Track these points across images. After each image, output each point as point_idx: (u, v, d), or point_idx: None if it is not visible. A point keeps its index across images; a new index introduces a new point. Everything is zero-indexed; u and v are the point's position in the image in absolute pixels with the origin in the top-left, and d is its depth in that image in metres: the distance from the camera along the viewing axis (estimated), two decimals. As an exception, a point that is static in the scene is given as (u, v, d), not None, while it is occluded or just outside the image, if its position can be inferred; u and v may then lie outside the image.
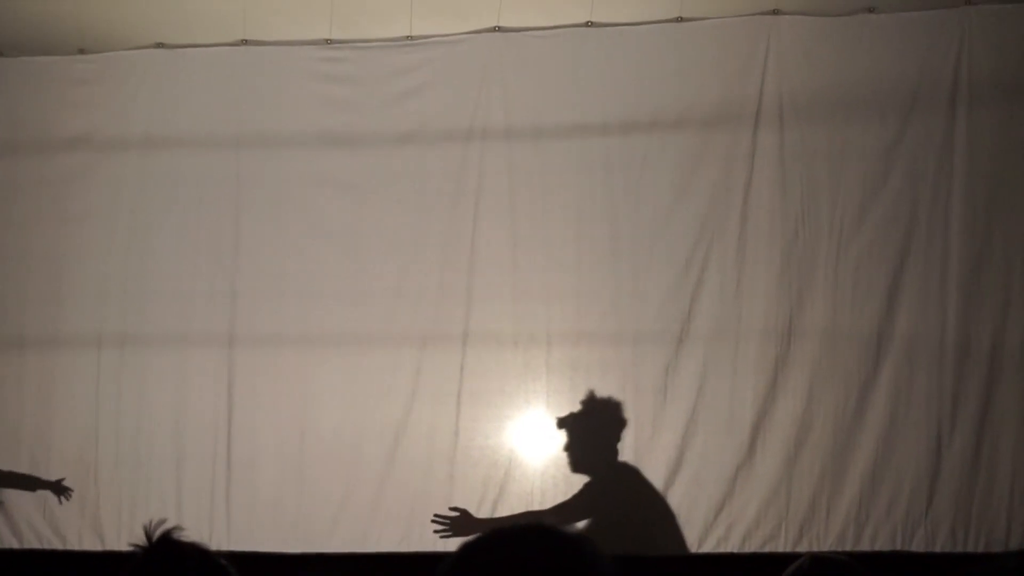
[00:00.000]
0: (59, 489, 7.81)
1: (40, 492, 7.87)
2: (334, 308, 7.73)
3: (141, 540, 3.81)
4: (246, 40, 7.92)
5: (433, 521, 7.11)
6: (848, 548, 7.03)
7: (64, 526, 7.86)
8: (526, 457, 7.49)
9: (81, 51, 8.11)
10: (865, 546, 7.09)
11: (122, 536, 7.70)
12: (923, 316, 7.17)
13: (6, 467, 7.95)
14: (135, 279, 7.92)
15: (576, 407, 7.35)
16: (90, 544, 7.81)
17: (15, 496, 7.92)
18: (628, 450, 7.32)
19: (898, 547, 7.09)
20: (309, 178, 7.83)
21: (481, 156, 7.65)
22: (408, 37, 7.81)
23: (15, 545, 7.86)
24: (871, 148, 7.28)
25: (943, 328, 7.14)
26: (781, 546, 7.15)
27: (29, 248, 8.09)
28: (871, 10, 7.33)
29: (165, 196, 7.96)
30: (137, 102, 8.04)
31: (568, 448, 7.33)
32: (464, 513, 7.24)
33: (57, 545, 7.84)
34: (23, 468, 7.92)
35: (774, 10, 7.42)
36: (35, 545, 7.86)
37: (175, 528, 3.87)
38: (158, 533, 3.84)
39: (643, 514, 7.25)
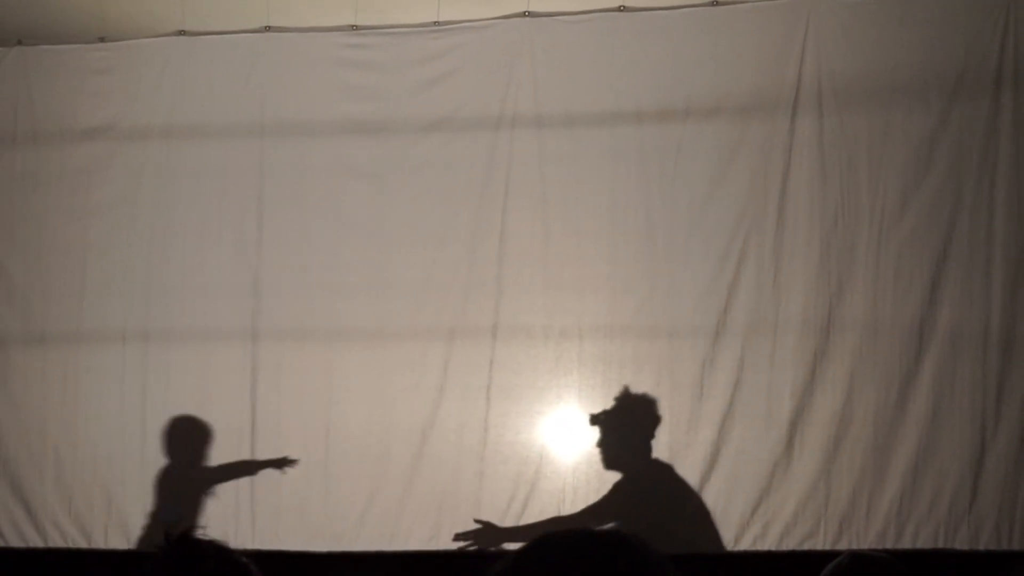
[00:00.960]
0: (281, 463, 7.61)
1: (65, 488, 7.74)
2: (360, 301, 7.57)
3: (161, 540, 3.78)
4: (269, 27, 7.76)
5: (456, 538, 6.99)
6: (889, 546, 6.86)
7: (90, 525, 7.73)
8: (557, 454, 7.33)
9: (101, 39, 7.97)
10: (907, 544, 6.91)
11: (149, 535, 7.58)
12: (967, 306, 6.97)
13: (30, 464, 7.83)
14: (158, 272, 7.78)
15: (609, 402, 7.21)
16: (116, 543, 7.68)
17: (40, 495, 7.80)
18: (663, 447, 7.16)
19: (940, 545, 6.92)
20: (334, 168, 7.67)
21: (511, 144, 7.47)
22: (435, 23, 7.63)
23: (40, 544, 7.74)
24: (913, 134, 7.07)
25: (987, 319, 6.95)
26: (820, 544, 6.99)
27: (50, 241, 7.95)
28: (913, -8, 7.13)
29: (187, 187, 7.81)
30: (159, 91, 7.88)
31: (601, 444, 7.19)
32: (487, 524, 7.10)
33: (82, 544, 7.72)
34: (48, 465, 7.80)
35: (813, -8, 7.23)
36: (60, 544, 7.74)
37: (195, 527, 3.82)
38: (177, 532, 3.80)
39: (677, 513, 7.10)
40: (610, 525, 6.90)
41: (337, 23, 7.72)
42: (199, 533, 3.85)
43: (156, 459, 7.68)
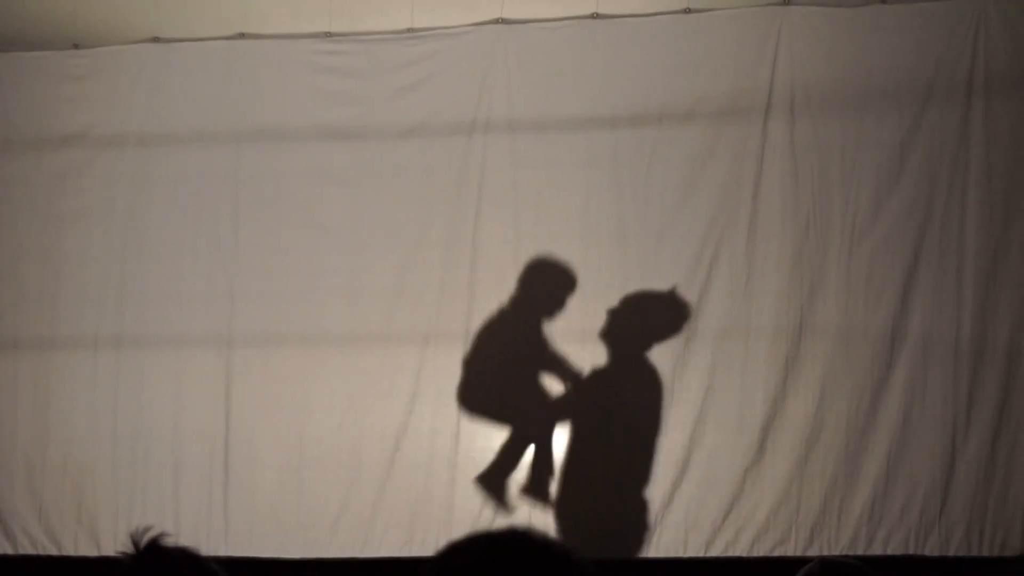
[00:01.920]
0: None
1: (35, 495, 7.72)
2: (333, 307, 7.57)
3: (128, 547, 3.73)
4: (244, 33, 7.77)
5: None
6: (860, 552, 6.88)
7: (60, 531, 7.71)
8: (529, 459, 7.30)
9: (75, 46, 7.96)
10: (877, 550, 6.93)
11: (119, 542, 7.47)
12: (938, 313, 6.99)
13: (1, 471, 7.80)
14: (131, 279, 7.77)
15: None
16: (86, 550, 7.67)
17: (10, 501, 7.77)
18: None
19: (911, 551, 6.94)
20: (308, 174, 7.66)
21: (484, 150, 7.47)
22: (410, 29, 7.64)
23: (9, 551, 7.72)
24: (885, 141, 7.09)
25: (958, 326, 6.96)
26: (791, 550, 6.99)
27: (23, 247, 7.94)
28: (885, 1, 7.14)
29: (162, 193, 7.80)
30: (133, 98, 7.87)
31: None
32: None
33: (52, 551, 7.70)
34: (18, 473, 7.78)
35: (785, 0, 7.22)
36: (30, 551, 7.73)
37: (163, 534, 3.77)
38: (146, 539, 3.75)
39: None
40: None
41: (312, 30, 7.72)
42: (168, 539, 3.81)
43: (127, 466, 7.65)
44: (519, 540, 2.32)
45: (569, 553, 2.30)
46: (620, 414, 7.23)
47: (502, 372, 7.45)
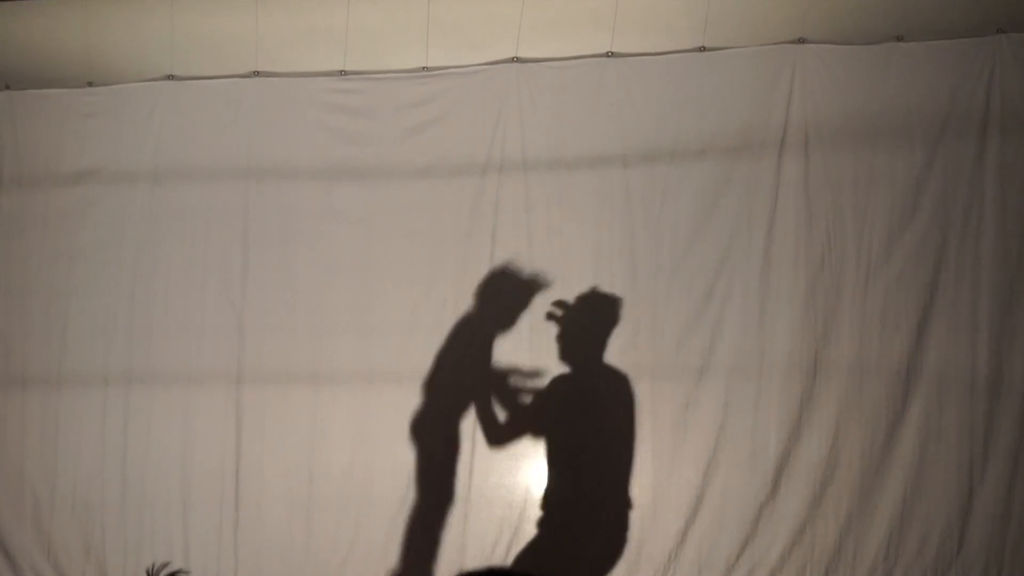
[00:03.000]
0: None
1: (44, 532, 7.66)
2: (344, 344, 7.54)
3: None
4: (258, 72, 7.77)
5: None
6: (876, 591, 6.80)
7: (68, 569, 7.66)
8: (541, 497, 7.24)
9: (90, 84, 7.97)
10: (894, 590, 6.84)
11: (128, 574, 7.48)
12: (953, 350, 6.93)
13: (9, 508, 7.75)
14: (141, 315, 7.76)
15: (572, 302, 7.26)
16: (94, 587, 7.60)
17: (19, 539, 7.71)
18: (647, 487, 7.09)
19: (928, 591, 6.84)
20: (320, 211, 7.66)
21: (498, 188, 7.47)
22: (424, 68, 7.65)
23: (17, 587, 7.66)
24: (900, 177, 7.08)
25: (974, 362, 6.91)
26: (806, 590, 6.91)
27: (34, 283, 7.94)
28: (900, 38, 7.14)
29: (173, 230, 7.80)
30: (145, 134, 7.89)
31: (560, 337, 7.24)
32: None
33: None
34: (27, 508, 7.73)
35: (800, 39, 7.24)
36: (38, 587, 7.66)
37: (180, 571, 3.77)
38: (163, 575, 3.75)
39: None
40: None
41: (326, 68, 7.73)
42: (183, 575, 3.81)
43: (136, 502, 7.60)
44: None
45: None
46: (589, 424, 7.21)
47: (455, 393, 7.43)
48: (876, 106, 7.14)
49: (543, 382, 7.24)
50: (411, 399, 7.40)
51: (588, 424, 7.19)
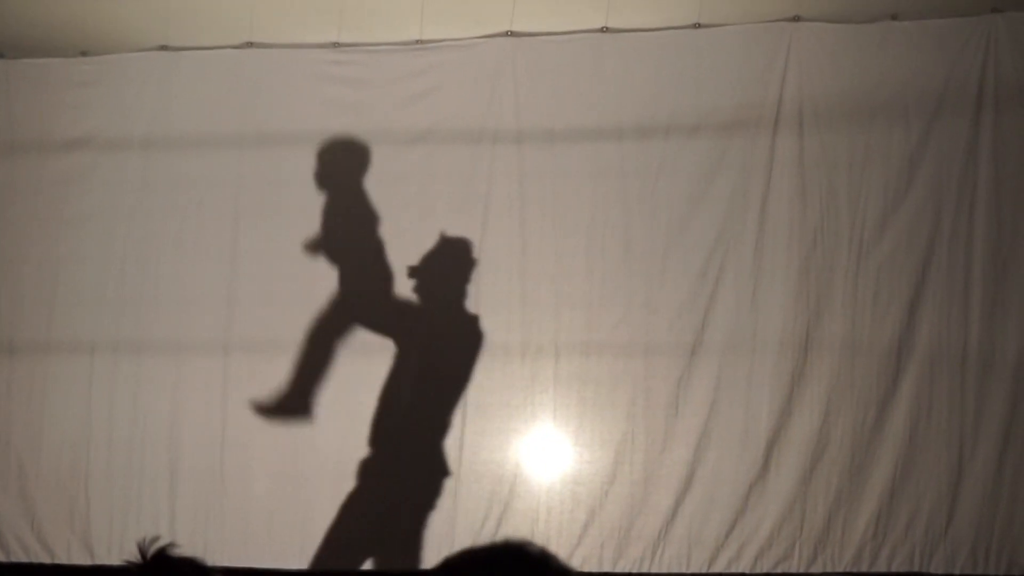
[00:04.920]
0: None
1: (29, 501, 7.63)
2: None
3: (134, 556, 3.71)
4: (252, 42, 7.74)
5: None
6: (864, 569, 6.86)
7: (53, 539, 7.64)
8: (532, 472, 7.26)
9: (84, 54, 7.95)
10: (882, 567, 6.87)
11: (113, 550, 7.47)
12: (945, 329, 6.95)
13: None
14: (131, 284, 7.72)
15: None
16: (80, 558, 7.59)
17: (2, 508, 7.69)
18: (638, 464, 7.10)
19: (916, 568, 6.86)
20: (312, 182, 7.61)
21: (491, 161, 7.45)
22: (418, 41, 7.62)
23: (2, 559, 7.61)
24: (893, 156, 7.08)
25: (966, 341, 6.92)
26: (795, 567, 6.93)
27: (24, 251, 7.90)
28: (894, 17, 7.14)
29: (164, 200, 7.77)
30: (138, 104, 7.86)
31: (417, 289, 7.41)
32: None
33: (45, 559, 7.62)
34: (11, 477, 7.70)
35: (795, 16, 7.23)
36: (22, 559, 7.64)
37: (170, 544, 3.75)
38: (153, 549, 3.73)
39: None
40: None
41: (320, 40, 7.70)
42: (174, 549, 3.78)
43: (122, 473, 7.57)
44: (516, 554, 2.33)
45: (567, 569, 2.33)
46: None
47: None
48: (871, 84, 7.14)
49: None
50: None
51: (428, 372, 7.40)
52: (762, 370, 7.07)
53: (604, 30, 7.41)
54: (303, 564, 7.32)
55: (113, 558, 7.44)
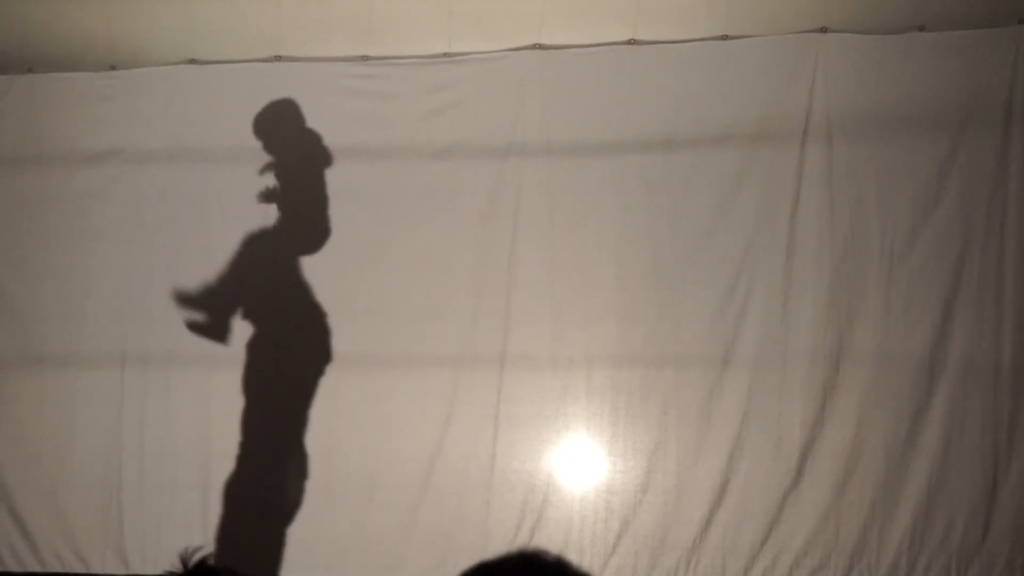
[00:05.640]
0: None
1: (61, 512, 7.65)
2: (364, 328, 7.54)
3: (175, 567, 3.73)
4: (280, 56, 7.76)
5: None
6: (900, 579, 6.84)
7: (87, 549, 7.66)
8: (565, 483, 7.28)
9: (112, 68, 7.96)
10: (918, 577, 6.88)
11: (147, 560, 7.49)
12: (978, 339, 6.97)
13: (26, 488, 7.74)
14: (160, 296, 7.73)
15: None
16: (114, 568, 7.61)
17: (37, 518, 7.70)
18: (671, 474, 7.12)
19: (952, 578, 6.87)
20: (339, 195, 7.63)
21: (519, 173, 7.47)
22: (446, 54, 7.64)
23: (37, 569, 7.64)
24: (923, 167, 7.09)
25: (998, 351, 6.94)
26: (830, 576, 6.94)
27: (52, 264, 7.92)
28: (922, 28, 7.17)
29: (192, 213, 7.79)
30: (166, 118, 7.87)
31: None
32: None
33: (79, 569, 7.63)
34: (44, 490, 7.71)
35: (822, 28, 7.26)
36: (57, 568, 7.67)
37: (212, 554, 3.76)
38: (195, 559, 3.74)
39: None
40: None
41: (348, 53, 7.72)
42: (215, 561, 3.80)
43: (155, 486, 7.59)
44: (531, 563, 2.32)
45: (584, 575, 2.32)
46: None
47: None
48: (898, 95, 7.16)
49: None
50: (433, 383, 7.42)
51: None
52: (794, 381, 7.09)
53: (631, 42, 7.43)
54: (331, 574, 7.33)
55: (147, 567, 7.47)
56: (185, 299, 7.59)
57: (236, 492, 7.49)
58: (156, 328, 7.73)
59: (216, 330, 7.58)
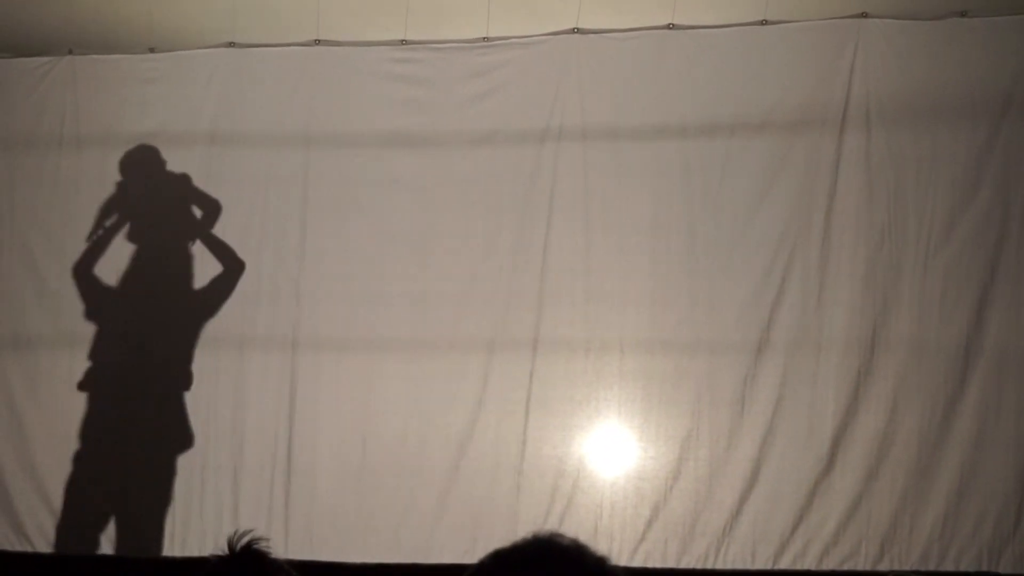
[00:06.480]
0: None
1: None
2: (400, 312, 7.54)
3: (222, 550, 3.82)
4: (319, 40, 7.77)
5: None
6: (931, 568, 6.80)
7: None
8: (595, 468, 7.26)
9: (152, 50, 7.99)
10: (949, 566, 6.82)
11: (175, 542, 7.51)
12: (1013, 328, 6.91)
13: (60, 471, 7.76)
14: (198, 279, 7.75)
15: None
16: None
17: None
18: (703, 461, 7.08)
19: (984, 568, 6.81)
20: (378, 179, 7.65)
21: (556, 158, 7.45)
22: (485, 38, 7.64)
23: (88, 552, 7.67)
24: (961, 154, 7.04)
25: (1034, 340, 6.86)
26: (861, 564, 6.89)
27: (74, 246, 7.95)
28: (963, 14, 7.11)
29: (229, 196, 7.80)
30: (205, 101, 7.90)
31: None
32: None
33: (108, 551, 7.64)
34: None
35: (862, 13, 7.21)
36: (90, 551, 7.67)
37: (260, 539, 3.83)
38: (242, 542, 3.82)
39: None
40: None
41: (387, 37, 7.72)
42: (263, 544, 3.86)
43: (187, 468, 7.61)
44: (546, 547, 2.29)
45: (601, 557, 2.29)
46: None
47: None
48: (938, 82, 7.11)
49: None
50: (465, 367, 7.41)
51: None
52: (828, 368, 7.05)
53: (670, 27, 7.41)
54: (367, 558, 7.32)
55: (176, 550, 7.50)
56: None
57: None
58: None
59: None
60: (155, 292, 7.83)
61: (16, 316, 7.90)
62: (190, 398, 7.68)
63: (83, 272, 7.78)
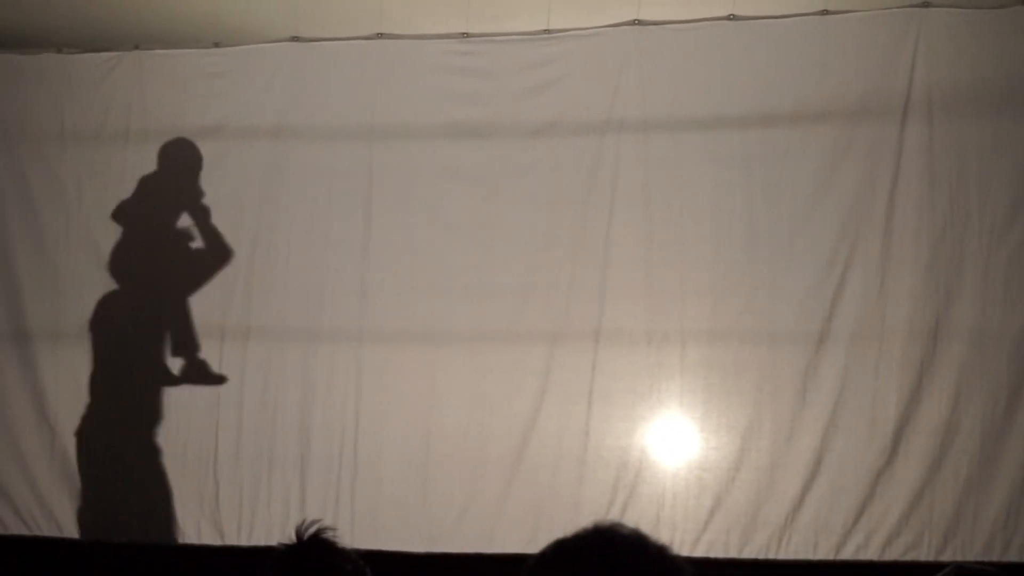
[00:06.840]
0: None
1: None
2: (463, 305, 7.59)
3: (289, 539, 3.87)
4: (382, 34, 7.82)
5: None
6: (995, 558, 6.74)
7: (183, 520, 7.75)
8: (658, 459, 7.28)
9: (216, 45, 8.08)
10: (1014, 556, 6.79)
11: (242, 531, 7.60)
12: (1079, 317, 6.86)
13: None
14: (260, 271, 7.85)
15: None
16: (210, 539, 7.71)
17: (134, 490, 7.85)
18: (764, 451, 7.10)
19: (1049, 558, 6.77)
20: (441, 172, 7.70)
21: (617, 149, 7.47)
22: (546, 31, 7.66)
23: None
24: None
25: (1099, 329, 6.83)
26: (924, 555, 6.87)
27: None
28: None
29: (294, 189, 7.87)
30: (270, 94, 7.97)
31: None
32: None
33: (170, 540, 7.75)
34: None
35: (923, 2, 7.18)
36: (151, 539, 7.78)
37: (328, 528, 3.88)
38: (310, 531, 3.87)
39: None
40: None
41: (449, 31, 7.76)
42: (330, 533, 3.92)
43: (252, 459, 7.70)
44: (608, 537, 2.29)
45: (664, 549, 2.28)
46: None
47: None
48: (1001, 71, 7.07)
49: None
50: (528, 359, 7.45)
51: None
52: (890, 358, 7.03)
53: (731, 18, 7.40)
54: (430, 548, 7.39)
55: (243, 539, 7.58)
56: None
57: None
58: (255, 303, 7.86)
59: None
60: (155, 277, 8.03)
61: (84, 309, 7.99)
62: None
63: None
